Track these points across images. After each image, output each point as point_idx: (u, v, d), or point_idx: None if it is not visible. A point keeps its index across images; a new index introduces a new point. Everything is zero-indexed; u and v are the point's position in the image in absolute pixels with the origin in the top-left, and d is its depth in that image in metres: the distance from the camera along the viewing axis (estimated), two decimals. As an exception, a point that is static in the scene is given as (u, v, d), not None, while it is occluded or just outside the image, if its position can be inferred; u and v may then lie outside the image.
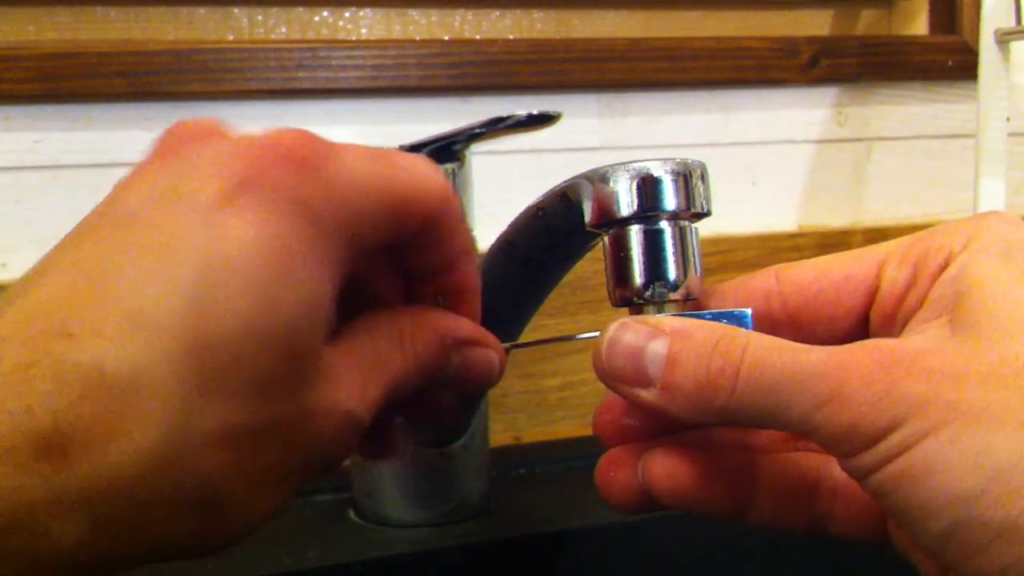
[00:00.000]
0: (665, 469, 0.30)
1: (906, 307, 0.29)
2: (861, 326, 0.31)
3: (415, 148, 0.50)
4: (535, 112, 0.45)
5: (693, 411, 0.27)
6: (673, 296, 0.30)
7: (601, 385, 0.29)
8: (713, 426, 0.33)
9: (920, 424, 0.24)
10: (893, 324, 0.30)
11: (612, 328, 0.29)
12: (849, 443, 0.25)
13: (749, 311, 0.30)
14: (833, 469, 0.31)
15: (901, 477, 0.24)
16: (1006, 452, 0.23)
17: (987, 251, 0.28)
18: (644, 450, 0.31)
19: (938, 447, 0.24)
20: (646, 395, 0.28)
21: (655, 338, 0.28)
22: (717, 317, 0.30)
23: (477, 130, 0.47)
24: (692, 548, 0.52)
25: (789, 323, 0.31)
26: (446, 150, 0.50)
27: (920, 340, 0.27)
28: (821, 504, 0.31)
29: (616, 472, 0.31)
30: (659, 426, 0.32)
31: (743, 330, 0.27)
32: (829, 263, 0.31)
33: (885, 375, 0.25)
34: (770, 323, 0.31)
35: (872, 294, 0.30)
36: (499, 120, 0.45)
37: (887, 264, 0.30)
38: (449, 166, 0.50)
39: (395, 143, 0.50)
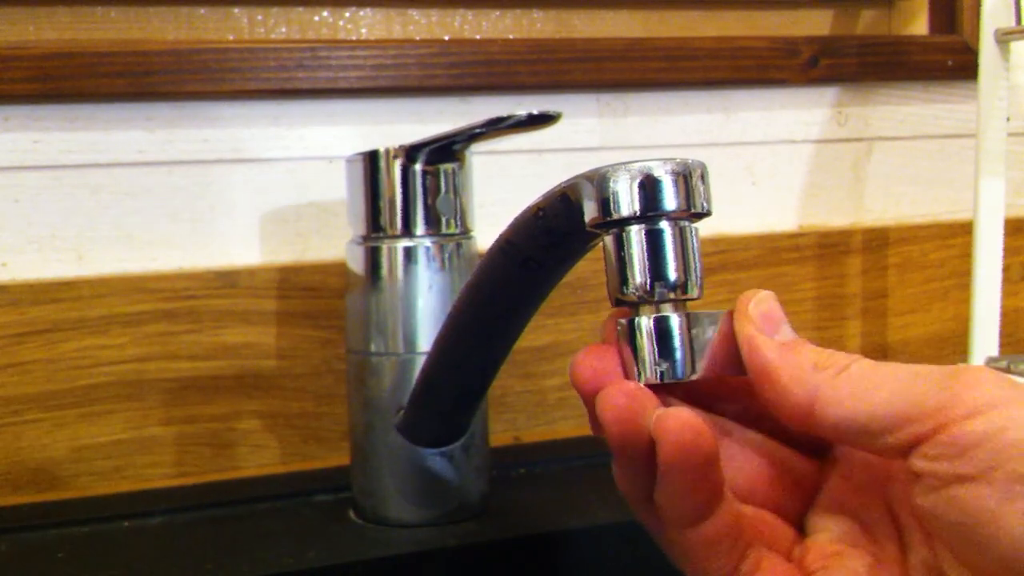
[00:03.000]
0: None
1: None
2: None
3: (415, 148, 0.50)
4: (535, 112, 0.45)
5: None
6: (673, 296, 0.30)
7: (601, 385, 0.29)
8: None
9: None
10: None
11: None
12: None
13: None
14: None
15: None
16: None
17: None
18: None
19: None
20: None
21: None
22: None
23: (477, 130, 0.47)
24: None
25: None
26: (446, 150, 0.50)
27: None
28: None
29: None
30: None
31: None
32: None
33: None
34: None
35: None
36: (499, 120, 0.45)
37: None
38: (449, 166, 0.50)
39: (395, 143, 0.50)
